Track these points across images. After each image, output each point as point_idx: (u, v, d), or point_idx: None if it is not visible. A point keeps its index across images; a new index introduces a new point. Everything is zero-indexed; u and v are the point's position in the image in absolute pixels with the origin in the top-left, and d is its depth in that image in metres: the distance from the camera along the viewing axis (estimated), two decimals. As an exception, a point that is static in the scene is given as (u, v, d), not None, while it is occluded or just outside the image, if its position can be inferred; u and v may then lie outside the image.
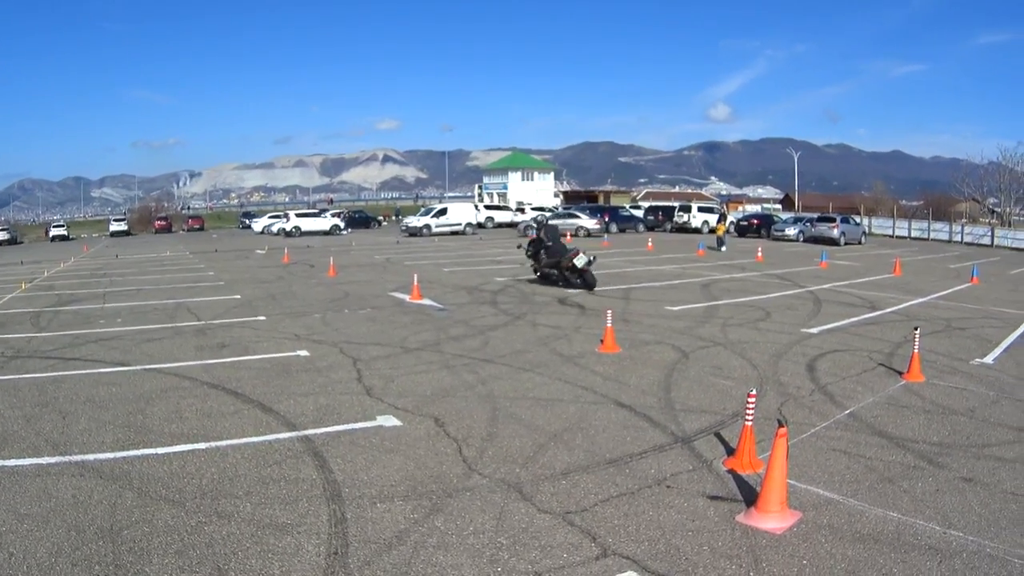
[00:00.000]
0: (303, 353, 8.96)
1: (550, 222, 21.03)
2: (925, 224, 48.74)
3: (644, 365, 8.32)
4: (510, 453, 5.39)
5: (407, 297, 13.96)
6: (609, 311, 9.69)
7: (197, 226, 71.55)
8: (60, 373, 8.37)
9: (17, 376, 8.29)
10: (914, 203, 74.59)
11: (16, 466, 5.37)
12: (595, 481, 4.86)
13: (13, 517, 4.44)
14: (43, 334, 11.19)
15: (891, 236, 47.51)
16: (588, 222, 40.10)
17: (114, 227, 68.42)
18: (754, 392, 5.11)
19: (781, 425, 4.36)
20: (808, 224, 37.87)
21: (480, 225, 47.10)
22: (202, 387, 7.47)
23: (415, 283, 14.49)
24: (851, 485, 4.85)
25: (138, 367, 8.50)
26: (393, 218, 72.95)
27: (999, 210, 55.56)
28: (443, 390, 7.21)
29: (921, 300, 14.63)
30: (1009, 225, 50.40)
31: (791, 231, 38.21)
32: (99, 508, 4.53)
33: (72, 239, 63.10)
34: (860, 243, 37.09)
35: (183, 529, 4.22)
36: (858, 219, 44.06)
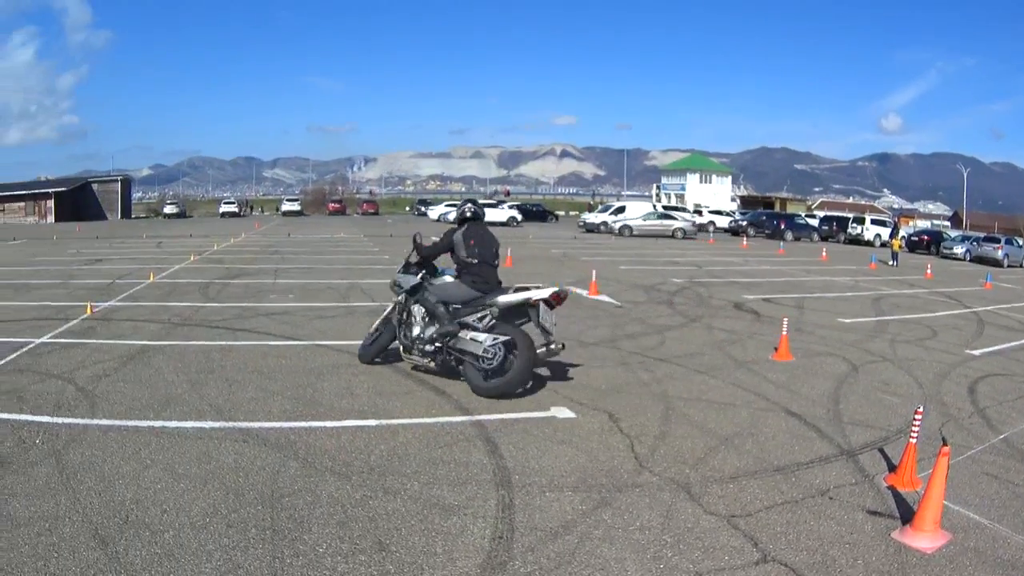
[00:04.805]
0: (480, 338, 9.31)
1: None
2: (1090, 249, 44.43)
3: (815, 375, 8.37)
4: (681, 453, 5.47)
5: (585, 292, 14.25)
6: (784, 319, 9.91)
7: (372, 211, 71.68)
8: (228, 343, 8.50)
9: (184, 342, 8.46)
10: (1076, 227, 66.96)
11: (177, 428, 5.44)
12: (761, 487, 4.90)
13: (170, 476, 4.52)
14: (211, 304, 11.49)
15: (1053, 260, 43.18)
16: (684, 224, 39.88)
17: (287, 207, 68.24)
18: (920, 410, 5.12)
19: (945, 444, 4.35)
20: (975, 243, 37.43)
21: None
22: (374, 366, 7.58)
23: (593, 279, 14.87)
24: (999, 510, 4.76)
25: (309, 342, 8.57)
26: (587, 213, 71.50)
27: None
28: (617, 386, 7.29)
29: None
30: None
31: (959, 249, 37.59)
32: (261, 474, 4.58)
33: (243, 216, 63.87)
34: (1022, 266, 36.09)
35: (347, 502, 4.27)
36: (1021, 241, 41.80)
